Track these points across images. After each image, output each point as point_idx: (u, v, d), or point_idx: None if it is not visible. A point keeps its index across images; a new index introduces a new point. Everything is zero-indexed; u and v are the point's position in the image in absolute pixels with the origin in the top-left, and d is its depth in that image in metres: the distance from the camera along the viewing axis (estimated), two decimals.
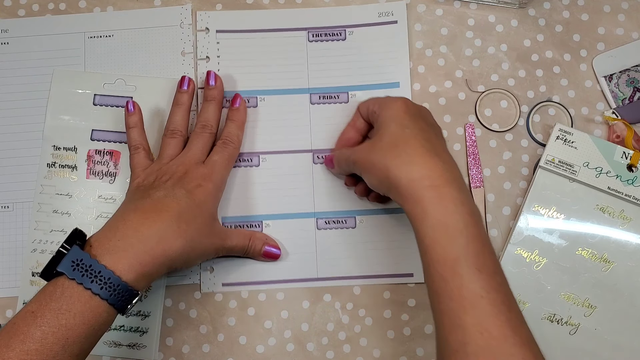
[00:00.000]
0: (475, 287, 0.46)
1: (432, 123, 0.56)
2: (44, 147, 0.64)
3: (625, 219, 0.60)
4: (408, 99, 0.57)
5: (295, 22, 0.66)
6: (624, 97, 0.64)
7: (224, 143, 0.60)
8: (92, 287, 0.48)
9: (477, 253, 0.47)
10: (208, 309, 0.62)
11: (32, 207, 0.63)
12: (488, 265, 0.47)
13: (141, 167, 0.59)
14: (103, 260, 0.49)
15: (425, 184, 0.49)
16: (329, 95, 0.65)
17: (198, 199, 0.55)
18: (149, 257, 0.50)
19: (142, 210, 0.53)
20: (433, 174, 0.50)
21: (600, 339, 0.59)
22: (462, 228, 0.48)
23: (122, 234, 0.51)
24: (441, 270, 0.47)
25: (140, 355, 0.61)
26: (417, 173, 0.50)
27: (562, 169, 0.61)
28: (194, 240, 0.53)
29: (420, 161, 0.50)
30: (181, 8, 0.67)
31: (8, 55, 0.66)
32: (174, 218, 0.52)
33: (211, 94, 0.62)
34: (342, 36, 0.65)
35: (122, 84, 0.65)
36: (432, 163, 0.50)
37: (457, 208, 0.48)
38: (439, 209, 0.48)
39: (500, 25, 0.66)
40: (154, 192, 0.54)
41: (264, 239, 0.61)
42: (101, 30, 0.66)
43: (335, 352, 0.61)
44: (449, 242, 0.47)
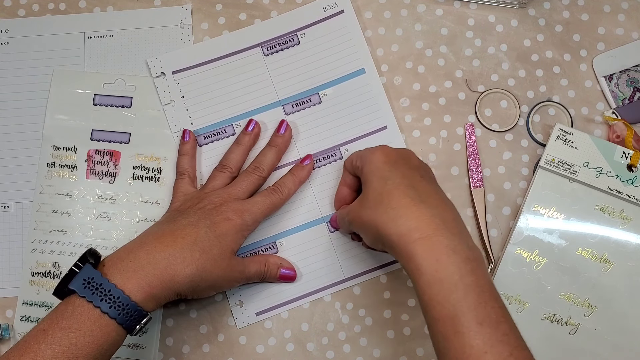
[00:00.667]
0: (478, 343, 0.44)
1: (415, 165, 0.54)
2: (43, 147, 0.64)
3: (625, 219, 0.60)
4: (386, 147, 0.55)
5: (246, 41, 0.66)
6: (624, 97, 0.64)
7: (274, 190, 0.60)
8: (101, 306, 0.48)
9: (476, 305, 0.45)
10: (208, 309, 0.62)
11: (31, 207, 0.63)
12: (490, 315, 0.45)
13: (182, 193, 0.60)
14: (113, 280, 0.49)
15: (414, 237, 0.47)
16: (301, 101, 0.65)
17: (219, 231, 0.55)
18: (158, 280, 0.51)
19: (160, 235, 0.54)
20: (421, 224, 0.48)
21: (600, 339, 0.59)
22: (457, 280, 0.45)
23: (134, 255, 0.52)
24: (442, 328, 0.45)
25: (140, 356, 0.61)
26: (405, 227, 0.48)
27: (562, 169, 0.61)
28: (205, 270, 0.53)
29: (406, 213, 0.49)
30: (181, 8, 0.67)
31: (8, 55, 0.66)
32: (188, 245, 0.53)
33: (276, 140, 0.62)
34: (295, 41, 0.66)
35: (122, 84, 0.65)
36: (419, 212, 0.48)
37: (450, 258, 0.46)
38: (431, 263, 0.46)
39: (500, 25, 0.66)
40: (180, 218, 0.55)
41: (278, 262, 0.61)
42: (101, 30, 0.66)
43: (335, 352, 0.61)
44: (445, 298, 0.45)
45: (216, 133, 0.64)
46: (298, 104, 0.65)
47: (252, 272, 0.59)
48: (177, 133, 0.64)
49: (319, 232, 0.63)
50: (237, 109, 0.65)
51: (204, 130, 0.64)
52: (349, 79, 0.65)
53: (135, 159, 0.64)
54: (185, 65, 0.65)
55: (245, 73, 0.65)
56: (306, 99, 0.65)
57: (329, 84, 0.65)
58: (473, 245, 0.49)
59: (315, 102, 0.65)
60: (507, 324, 0.45)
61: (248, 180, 0.60)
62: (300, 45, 0.65)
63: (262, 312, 0.61)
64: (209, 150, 0.64)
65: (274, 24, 0.66)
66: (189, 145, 0.63)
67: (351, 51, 0.65)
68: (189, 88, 0.65)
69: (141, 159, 0.64)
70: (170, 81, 0.65)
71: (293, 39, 0.65)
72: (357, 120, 0.64)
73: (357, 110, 0.64)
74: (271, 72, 0.65)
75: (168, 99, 0.65)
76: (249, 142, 0.63)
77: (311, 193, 0.63)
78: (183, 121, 0.64)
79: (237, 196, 0.58)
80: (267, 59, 0.65)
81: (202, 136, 0.64)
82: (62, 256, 0.62)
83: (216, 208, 0.56)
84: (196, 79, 0.65)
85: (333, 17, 0.66)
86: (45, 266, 0.62)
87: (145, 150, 0.64)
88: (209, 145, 0.64)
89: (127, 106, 0.65)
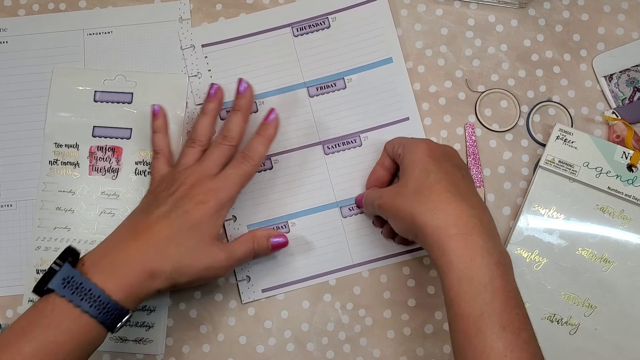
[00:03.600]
0: (499, 346, 0.44)
1: (458, 164, 0.54)
2: (45, 145, 0.64)
3: (625, 219, 0.60)
4: (432, 141, 0.56)
5: (278, 20, 0.66)
6: (624, 97, 0.64)
7: (243, 157, 0.57)
8: (82, 305, 0.48)
9: (502, 309, 0.46)
10: (208, 309, 0.62)
11: (35, 204, 0.63)
12: (514, 321, 0.46)
13: (159, 173, 0.59)
14: (94, 279, 0.49)
15: (451, 233, 0.48)
16: (326, 84, 0.65)
17: (194, 220, 0.54)
18: (136, 279, 0.50)
19: (135, 230, 0.53)
20: (459, 221, 0.48)
21: (600, 339, 0.59)
22: (487, 282, 0.46)
23: (113, 254, 0.51)
24: (465, 326, 0.46)
25: (146, 350, 0.61)
26: (443, 221, 0.49)
27: (562, 169, 0.61)
28: (182, 265, 0.53)
29: (446, 208, 0.49)
30: (179, 3, 0.67)
31: (7, 54, 0.66)
32: (163, 242, 0.52)
33: (239, 103, 0.59)
34: (325, 24, 0.66)
35: (122, 80, 0.65)
36: (459, 209, 0.49)
37: (484, 259, 0.47)
38: (464, 261, 0.47)
39: (500, 25, 0.66)
40: (154, 209, 0.54)
41: (265, 234, 0.59)
42: (100, 27, 0.67)
43: (335, 352, 0.61)
44: (473, 297, 0.46)
45: None
46: (322, 87, 0.65)
47: (240, 253, 0.57)
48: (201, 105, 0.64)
49: (331, 216, 0.63)
50: (262, 86, 0.65)
51: (227, 106, 0.64)
52: (376, 67, 0.65)
53: (137, 154, 0.64)
54: (216, 39, 0.66)
55: (273, 52, 0.65)
56: (331, 83, 0.65)
57: (355, 70, 0.65)
58: (505, 250, 0.50)
59: (340, 87, 0.65)
60: (528, 333, 0.46)
61: (218, 152, 0.57)
62: (330, 28, 0.66)
63: (268, 289, 0.61)
64: None
65: (306, 5, 0.66)
66: (160, 122, 0.61)
67: (381, 39, 0.65)
68: (216, 62, 0.65)
69: (143, 154, 0.64)
70: (199, 54, 0.65)
71: (324, 22, 0.66)
72: (380, 109, 0.64)
73: (380, 99, 0.64)
74: (299, 53, 0.65)
75: (195, 71, 0.65)
76: (215, 109, 0.60)
77: (327, 177, 0.63)
78: None
79: (209, 172, 0.56)
80: (296, 40, 0.65)
81: (225, 110, 0.64)
82: None
83: (188, 191, 0.55)
84: (225, 54, 0.65)
85: (366, 4, 0.66)
86: (49, 263, 0.62)
87: (147, 146, 0.64)
88: None
89: (128, 102, 0.65)
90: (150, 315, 0.61)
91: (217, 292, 0.62)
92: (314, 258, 0.62)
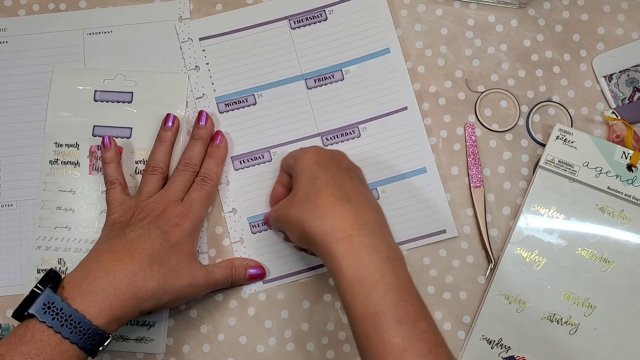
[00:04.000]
0: (398, 341, 0.44)
1: (345, 167, 0.54)
2: (45, 145, 0.64)
3: (625, 219, 0.60)
4: (319, 148, 0.57)
5: (274, 13, 0.66)
6: (623, 97, 0.64)
7: (203, 180, 0.60)
8: (62, 331, 0.48)
9: (396, 303, 0.46)
10: (208, 308, 0.62)
11: (35, 204, 0.63)
12: (409, 312, 0.46)
13: (117, 203, 0.59)
14: (74, 304, 0.49)
15: (337, 237, 0.48)
16: (324, 76, 0.65)
17: (173, 240, 0.55)
18: (120, 300, 0.50)
19: (115, 251, 0.53)
20: (344, 224, 0.48)
21: (600, 338, 0.59)
22: (378, 279, 0.46)
23: (94, 276, 0.51)
24: (363, 327, 0.46)
25: (147, 349, 0.61)
26: (329, 226, 0.49)
27: (562, 168, 0.61)
28: (167, 282, 0.53)
29: (331, 212, 0.49)
30: (179, 2, 0.67)
31: (7, 54, 0.66)
32: (147, 260, 0.52)
33: (199, 132, 0.62)
34: (322, 17, 0.66)
35: (122, 80, 0.65)
36: (344, 212, 0.49)
37: (371, 257, 0.47)
38: (352, 263, 0.47)
39: (500, 25, 0.66)
40: (129, 232, 0.54)
41: (244, 263, 0.61)
42: (100, 27, 0.67)
43: (335, 351, 0.61)
44: (366, 297, 0.46)
45: (237, 101, 0.65)
46: (320, 79, 0.65)
47: (217, 277, 0.58)
48: (200, 99, 0.65)
49: None
50: (260, 79, 0.65)
51: (226, 98, 0.65)
52: (373, 57, 0.65)
53: (137, 153, 0.64)
54: (213, 32, 0.66)
55: (270, 45, 0.66)
56: (329, 74, 0.65)
57: (353, 61, 0.65)
58: (395, 245, 0.50)
59: (337, 79, 0.65)
60: (426, 322, 0.46)
61: (183, 179, 0.59)
62: (327, 21, 0.66)
63: (270, 280, 0.62)
64: (227, 119, 0.64)
65: None
66: (112, 152, 0.62)
67: (378, 30, 0.65)
68: (214, 55, 0.66)
69: (143, 153, 0.64)
70: (196, 47, 0.66)
71: (321, 14, 0.66)
72: (377, 100, 0.64)
73: (378, 90, 0.65)
74: (296, 45, 0.65)
75: (193, 65, 0.65)
76: (172, 138, 0.62)
77: None
78: (206, 87, 0.65)
79: (176, 197, 0.58)
80: (293, 32, 0.66)
81: (223, 104, 0.65)
82: (67, 252, 0.62)
83: (160, 215, 0.56)
84: (222, 46, 0.66)
85: None
86: (50, 263, 0.62)
87: (147, 145, 0.64)
88: (228, 114, 0.64)
89: (128, 101, 0.65)
90: (152, 314, 0.61)
91: (217, 292, 0.62)
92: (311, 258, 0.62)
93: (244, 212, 0.63)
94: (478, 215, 0.62)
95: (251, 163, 0.64)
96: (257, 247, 0.62)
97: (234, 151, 0.64)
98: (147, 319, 0.61)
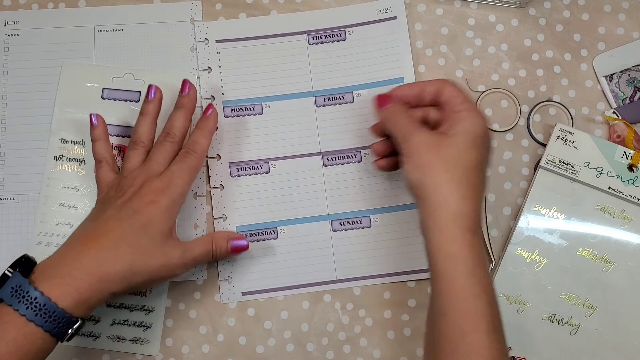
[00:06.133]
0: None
1: (489, 157, 0.54)
2: (51, 140, 0.64)
3: (626, 219, 0.60)
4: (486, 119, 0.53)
5: (294, 26, 0.66)
6: (624, 96, 0.64)
7: (186, 152, 0.57)
8: (27, 314, 0.47)
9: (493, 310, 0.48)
10: (208, 309, 0.62)
11: (38, 199, 0.63)
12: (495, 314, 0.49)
13: (105, 182, 0.58)
14: (40, 287, 0.48)
15: (466, 224, 0.48)
16: (334, 96, 0.64)
17: (145, 219, 0.53)
18: (86, 283, 0.49)
19: (84, 235, 0.52)
20: (476, 215, 0.49)
21: (601, 339, 0.59)
22: (481, 291, 0.48)
23: (63, 261, 0.50)
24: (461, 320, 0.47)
25: (143, 350, 0.61)
26: (467, 208, 0.49)
27: (562, 169, 0.61)
28: (136, 264, 0.52)
29: (472, 196, 0.49)
30: (191, 4, 0.67)
31: (18, 47, 0.66)
32: (113, 242, 0.51)
33: (182, 101, 0.60)
34: (342, 36, 0.65)
35: (130, 78, 0.65)
36: (478, 203, 0.50)
37: (480, 261, 0.48)
38: (469, 259, 0.48)
39: (501, 25, 0.66)
40: (102, 214, 0.54)
41: (225, 235, 0.59)
42: (111, 24, 0.66)
43: (335, 352, 0.61)
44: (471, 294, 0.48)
45: (244, 108, 0.64)
46: (330, 99, 0.64)
47: (196, 253, 0.56)
48: (207, 100, 0.64)
49: (321, 229, 0.62)
50: (270, 89, 0.64)
51: (233, 103, 0.64)
52: (386, 84, 0.64)
53: None
54: (231, 36, 0.66)
55: (286, 57, 0.65)
56: (339, 95, 0.64)
57: (365, 85, 0.64)
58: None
59: (347, 101, 0.64)
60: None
61: (162, 150, 0.57)
62: (346, 41, 0.65)
63: (249, 293, 0.61)
64: (230, 124, 0.64)
65: (324, 15, 0.66)
66: (100, 130, 0.60)
67: (394, 58, 0.65)
68: (228, 59, 0.65)
69: None
70: (211, 48, 0.65)
71: (340, 34, 0.65)
72: None
73: None
74: (311, 61, 0.65)
75: (205, 66, 0.65)
76: (154, 110, 0.60)
77: (322, 189, 0.63)
78: (215, 90, 0.64)
79: (156, 171, 0.56)
80: (310, 48, 0.65)
81: (230, 108, 0.64)
82: None
83: (137, 192, 0.54)
84: (238, 51, 0.65)
85: (384, 22, 0.65)
86: None
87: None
88: (233, 119, 0.64)
89: (136, 100, 0.65)
90: (149, 315, 0.61)
91: (217, 293, 0.62)
92: (299, 268, 0.62)
93: (234, 221, 0.63)
94: None
95: (248, 172, 0.63)
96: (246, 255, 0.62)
97: (233, 157, 0.64)
98: (145, 320, 0.61)
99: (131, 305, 0.61)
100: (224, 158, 0.63)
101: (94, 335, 0.61)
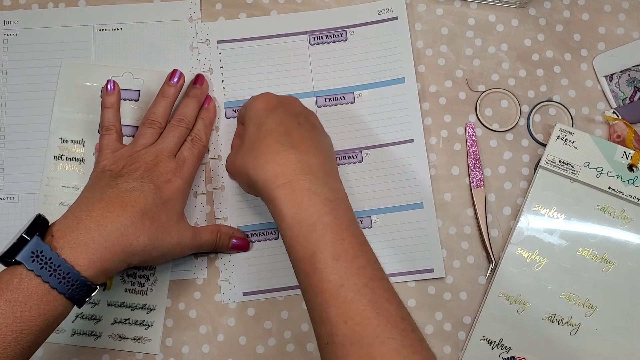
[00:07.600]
0: (335, 277, 0.46)
1: (296, 112, 0.55)
2: (50, 140, 0.64)
3: (626, 219, 0.60)
4: (270, 94, 0.57)
5: (295, 26, 0.66)
6: (624, 96, 0.64)
7: (193, 140, 0.60)
8: (50, 281, 0.47)
9: (333, 242, 0.47)
10: (208, 309, 0.62)
11: (37, 199, 0.63)
12: (347, 250, 0.47)
13: (110, 150, 0.58)
14: (63, 254, 0.48)
15: (278, 183, 0.49)
16: (335, 96, 0.64)
17: (165, 196, 0.54)
18: (110, 253, 0.50)
19: (107, 201, 0.52)
20: (286, 170, 0.50)
21: (601, 339, 0.59)
22: (316, 220, 0.48)
23: (85, 226, 0.50)
24: (303, 267, 0.48)
25: (144, 349, 0.61)
26: (271, 172, 0.50)
27: (562, 168, 0.61)
28: (157, 238, 0.53)
29: (274, 159, 0.50)
30: (190, 2, 0.67)
31: (17, 46, 0.66)
32: (139, 214, 0.52)
33: (194, 92, 0.62)
34: (343, 37, 0.65)
35: (129, 77, 0.65)
36: (287, 158, 0.50)
37: (310, 200, 0.48)
38: (292, 207, 0.49)
39: (501, 25, 0.66)
40: (121, 183, 0.54)
41: (230, 232, 0.61)
42: (110, 23, 0.66)
43: None
44: (304, 239, 0.48)
45: None
46: (331, 99, 0.64)
47: (203, 239, 0.58)
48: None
49: None
50: (270, 90, 0.63)
51: (234, 104, 0.64)
52: (387, 85, 0.64)
53: None
54: (232, 37, 0.66)
55: (287, 57, 0.65)
56: (340, 95, 0.64)
57: (366, 85, 0.64)
58: (338, 187, 0.51)
59: (348, 101, 0.64)
60: (364, 257, 0.48)
61: (177, 134, 0.59)
62: (347, 42, 0.65)
63: (250, 293, 0.61)
64: (231, 125, 0.64)
65: (326, 15, 0.66)
66: (114, 98, 0.61)
67: (395, 58, 0.65)
68: (229, 60, 0.65)
69: None
70: (213, 49, 0.65)
71: (341, 34, 0.65)
72: (385, 128, 0.64)
73: (388, 118, 0.64)
74: (313, 62, 0.65)
75: (207, 67, 0.65)
76: (174, 94, 0.61)
77: None
78: (217, 91, 0.65)
79: (170, 152, 0.57)
80: (311, 48, 0.65)
81: (231, 109, 0.64)
82: None
83: (153, 168, 0.55)
84: (239, 52, 0.65)
85: (385, 22, 0.65)
86: None
87: None
88: (234, 120, 0.64)
89: (135, 99, 0.65)
90: (150, 314, 0.61)
91: (217, 293, 0.62)
92: None
93: (235, 221, 0.62)
94: (479, 215, 0.62)
95: None
96: (247, 255, 0.62)
97: None
98: (146, 319, 0.61)
99: (132, 304, 0.61)
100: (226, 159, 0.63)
101: (95, 335, 0.61)
